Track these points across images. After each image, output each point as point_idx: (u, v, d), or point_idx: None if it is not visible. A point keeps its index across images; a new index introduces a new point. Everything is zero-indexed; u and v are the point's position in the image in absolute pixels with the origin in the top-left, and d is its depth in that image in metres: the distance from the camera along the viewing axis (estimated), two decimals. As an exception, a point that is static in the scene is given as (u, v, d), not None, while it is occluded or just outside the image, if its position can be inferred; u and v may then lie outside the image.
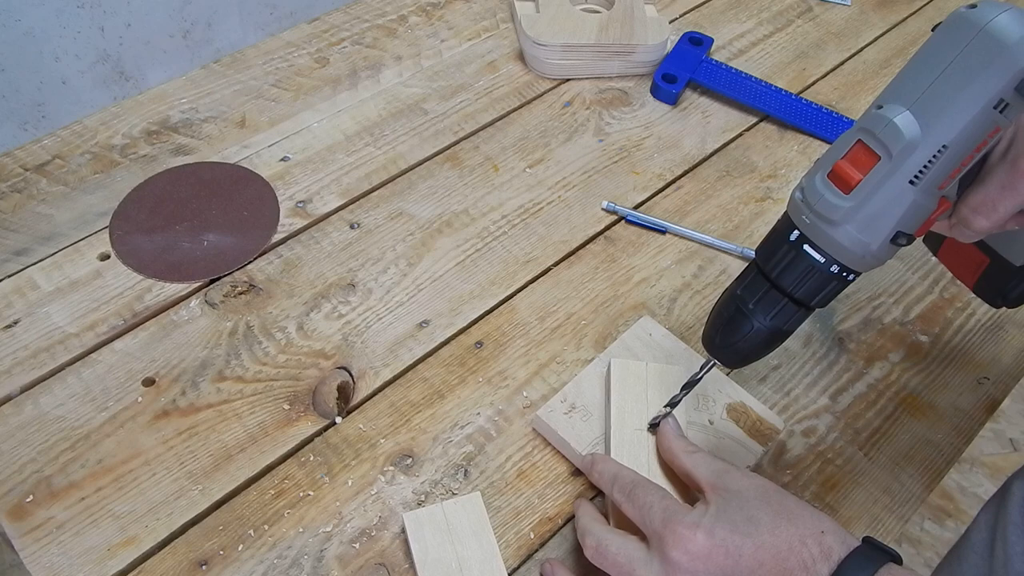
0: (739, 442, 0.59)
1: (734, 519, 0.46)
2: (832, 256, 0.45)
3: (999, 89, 0.39)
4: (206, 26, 1.03)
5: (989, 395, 0.66)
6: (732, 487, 0.48)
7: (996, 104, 0.39)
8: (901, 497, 0.60)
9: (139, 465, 0.56)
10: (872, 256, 0.44)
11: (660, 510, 0.48)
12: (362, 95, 0.82)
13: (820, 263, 0.45)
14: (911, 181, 0.41)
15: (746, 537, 0.45)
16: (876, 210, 0.43)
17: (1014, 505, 0.45)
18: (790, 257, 0.46)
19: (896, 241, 0.44)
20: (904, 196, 0.42)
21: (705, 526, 0.45)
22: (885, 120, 0.41)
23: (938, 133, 0.40)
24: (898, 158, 0.41)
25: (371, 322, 0.65)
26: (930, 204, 0.43)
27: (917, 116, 0.41)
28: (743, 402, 0.61)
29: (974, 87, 0.39)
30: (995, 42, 0.38)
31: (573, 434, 0.58)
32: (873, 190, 0.42)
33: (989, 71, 0.39)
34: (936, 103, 0.40)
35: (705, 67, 0.86)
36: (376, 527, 0.55)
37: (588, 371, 0.61)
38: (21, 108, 0.94)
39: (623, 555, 0.48)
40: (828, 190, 0.43)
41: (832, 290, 0.46)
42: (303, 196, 0.73)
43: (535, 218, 0.74)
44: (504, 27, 0.91)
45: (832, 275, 0.45)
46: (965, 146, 0.41)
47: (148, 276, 0.66)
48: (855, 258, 0.44)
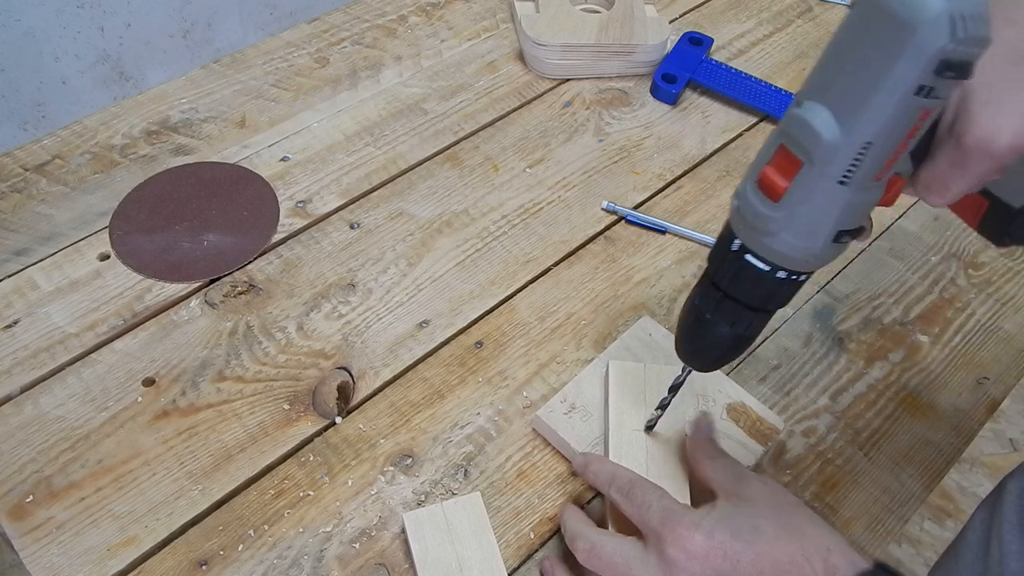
0: (739, 442, 0.59)
1: (737, 525, 0.45)
2: (775, 263, 0.43)
3: (916, 76, 0.35)
4: (206, 26, 1.03)
5: (989, 395, 0.66)
6: (745, 494, 0.48)
7: (917, 91, 0.35)
8: (901, 497, 0.60)
9: (139, 465, 0.56)
10: (817, 258, 0.42)
11: (659, 509, 0.47)
12: (362, 95, 0.82)
13: (765, 271, 0.43)
14: (840, 182, 0.38)
15: (747, 544, 0.44)
16: (810, 216, 0.40)
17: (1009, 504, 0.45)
18: (736, 267, 0.44)
19: (839, 240, 0.41)
20: (836, 197, 0.39)
21: (705, 527, 0.45)
22: (802, 122, 0.38)
23: (859, 131, 0.37)
24: (821, 162, 0.38)
25: (371, 322, 0.65)
26: (869, 196, 0.40)
27: (835, 114, 0.37)
28: (743, 402, 0.61)
29: (890, 77, 0.35)
30: (904, 25, 0.34)
31: (573, 434, 0.58)
32: (802, 197, 0.39)
33: (903, 58, 0.35)
34: (853, 98, 0.37)
35: (705, 67, 0.86)
36: (376, 527, 0.55)
37: (588, 371, 0.61)
38: (21, 108, 0.94)
39: (619, 555, 0.47)
40: (758, 200, 0.41)
41: (784, 293, 0.45)
42: (303, 196, 0.73)
43: (535, 218, 0.74)
44: (504, 27, 0.91)
45: (780, 280, 0.43)
46: (892, 139, 0.37)
47: (148, 276, 0.66)
48: (799, 262, 0.42)
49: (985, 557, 0.45)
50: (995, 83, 0.37)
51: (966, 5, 0.34)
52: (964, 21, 0.34)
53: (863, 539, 0.57)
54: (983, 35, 0.34)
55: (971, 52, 0.35)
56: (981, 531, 0.46)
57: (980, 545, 0.46)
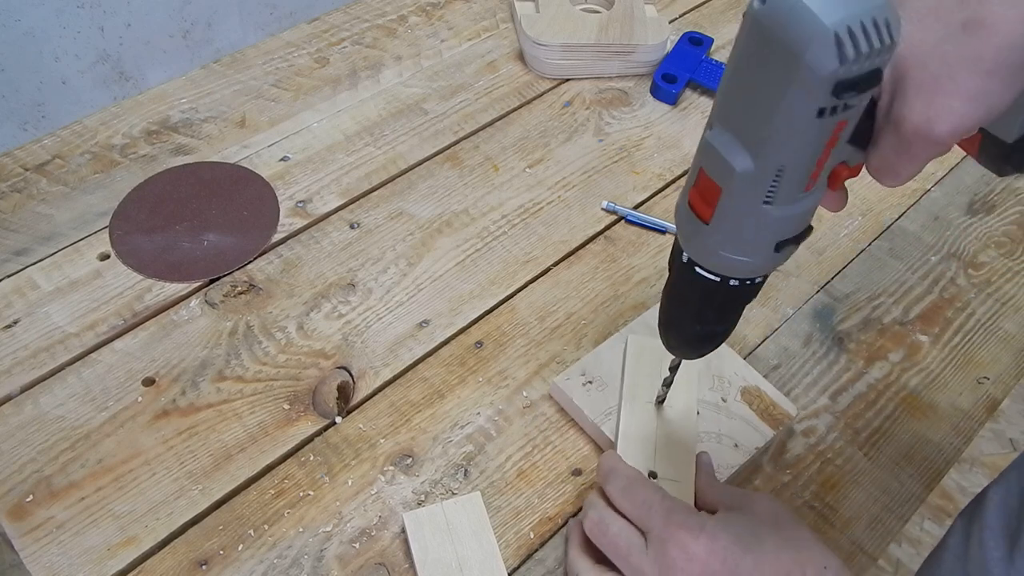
0: (750, 424, 0.59)
1: (739, 532, 0.46)
2: (723, 274, 0.42)
3: (813, 102, 0.33)
4: (206, 26, 1.03)
5: (989, 395, 0.66)
6: (747, 507, 0.48)
7: (819, 114, 0.33)
8: (901, 497, 0.60)
9: (139, 465, 0.56)
10: (762, 268, 0.42)
11: (662, 509, 0.48)
12: (362, 95, 0.82)
13: (716, 282, 0.43)
14: (764, 202, 0.37)
15: (747, 551, 0.45)
16: (742, 234, 0.39)
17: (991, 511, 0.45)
18: (689, 277, 0.44)
19: (781, 249, 0.40)
20: (765, 215, 0.38)
21: (709, 531, 0.46)
22: (714, 151, 0.37)
23: (769, 159, 0.36)
24: (738, 191, 0.37)
25: (371, 322, 0.65)
26: (804, 206, 0.38)
27: (742, 142, 0.36)
28: (758, 386, 0.61)
29: (787, 105, 0.33)
30: (791, 52, 0.32)
31: (588, 402, 0.59)
32: (729, 219, 0.39)
33: (795, 86, 0.33)
34: (756, 127, 0.35)
35: (705, 67, 0.86)
36: (376, 527, 0.55)
37: (608, 344, 0.63)
38: (21, 108, 0.94)
39: (623, 538, 0.48)
40: (691, 220, 0.41)
41: (744, 295, 0.44)
42: (303, 196, 0.73)
43: (535, 218, 0.74)
44: (504, 27, 0.91)
45: (734, 287, 0.43)
46: (806, 159, 0.36)
47: (148, 276, 0.66)
48: (746, 272, 0.42)
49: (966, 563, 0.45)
50: (929, 63, 0.35)
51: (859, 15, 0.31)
52: (854, 38, 0.31)
53: (863, 539, 0.57)
54: (882, 44, 0.32)
55: (871, 64, 0.32)
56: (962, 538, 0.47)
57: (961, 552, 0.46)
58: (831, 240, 0.75)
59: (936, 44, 0.35)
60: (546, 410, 0.61)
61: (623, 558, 0.48)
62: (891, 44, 0.32)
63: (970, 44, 0.34)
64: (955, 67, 0.34)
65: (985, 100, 0.35)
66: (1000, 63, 0.34)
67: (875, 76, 0.33)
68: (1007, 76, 0.34)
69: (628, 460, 0.54)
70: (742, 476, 0.59)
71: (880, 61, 0.32)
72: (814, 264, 0.73)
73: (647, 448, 0.56)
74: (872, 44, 0.31)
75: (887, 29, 0.32)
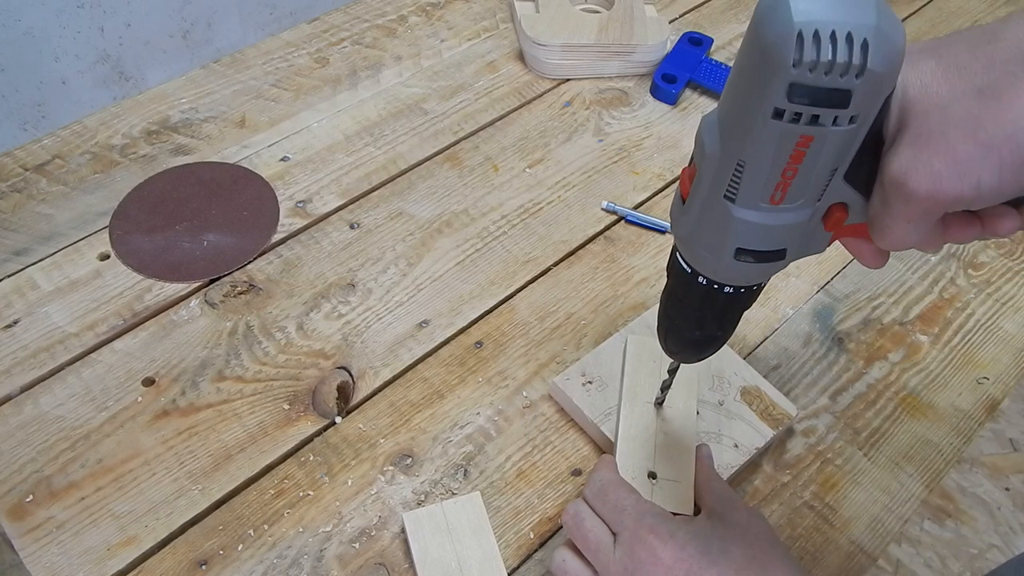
0: (750, 423, 0.59)
1: (709, 544, 0.46)
2: (692, 266, 0.42)
3: (769, 98, 0.32)
4: (206, 26, 1.03)
5: (989, 395, 0.66)
6: (728, 518, 0.48)
7: (775, 115, 0.33)
8: (901, 497, 0.60)
9: (139, 465, 0.56)
10: (722, 272, 0.41)
11: (634, 512, 0.48)
12: (362, 95, 0.82)
13: (687, 274, 0.43)
14: (726, 196, 0.37)
15: (712, 565, 0.45)
16: (707, 225, 0.39)
17: None
18: (673, 265, 0.44)
19: (740, 259, 0.39)
20: (726, 212, 0.37)
21: (679, 539, 0.46)
22: (699, 130, 0.38)
23: (731, 148, 0.35)
24: (704, 172, 0.37)
25: (371, 322, 0.65)
26: (770, 218, 0.37)
27: (720, 126, 0.36)
28: (758, 386, 0.61)
29: (750, 97, 0.33)
30: (759, 43, 0.32)
31: (587, 403, 0.59)
32: (698, 204, 0.39)
33: (757, 78, 0.32)
34: (729, 114, 0.36)
35: (705, 67, 0.86)
36: (376, 527, 0.55)
37: (608, 344, 0.62)
38: (21, 108, 0.94)
39: (594, 535, 0.49)
40: (677, 196, 0.41)
41: (717, 301, 0.43)
42: (303, 196, 0.73)
43: (535, 218, 0.74)
44: (504, 27, 0.91)
45: (705, 286, 0.42)
46: (766, 161, 0.35)
47: (148, 276, 0.66)
48: (709, 270, 0.42)
49: None
50: (932, 115, 0.33)
51: (834, 23, 0.30)
52: (818, 42, 0.30)
53: (863, 539, 0.57)
54: (849, 61, 0.30)
55: (834, 81, 0.31)
56: None
57: None
58: (831, 240, 0.75)
59: (948, 99, 0.33)
60: (546, 410, 0.61)
61: (592, 552, 0.49)
62: (861, 67, 0.31)
63: (978, 111, 0.32)
64: (953, 128, 0.32)
65: (974, 174, 0.32)
66: (1002, 140, 0.31)
67: (839, 96, 0.32)
68: (1009, 156, 0.31)
69: (627, 461, 0.54)
70: (742, 476, 0.59)
71: (847, 83, 0.31)
72: (814, 264, 0.73)
73: (647, 448, 0.56)
74: (836, 57, 0.30)
75: (862, 51, 0.30)
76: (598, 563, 0.48)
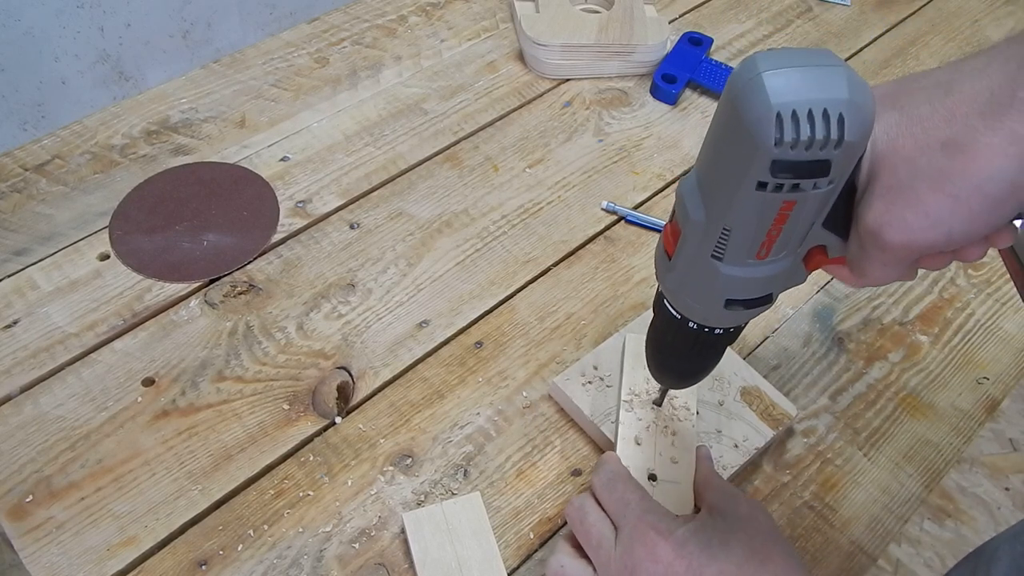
0: (750, 424, 0.59)
1: (709, 540, 0.46)
2: (683, 314, 0.43)
3: (752, 174, 0.34)
4: (206, 26, 1.03)
5: (989, 395, 0.66)
6: (729, 512, 0.48)
7: (759, 187, 0.34)
8: (901, 497, 0.60)
9: (139, 465, 0.56)
10: (715, 320, 0.43)
11: (638, 507, 0.48)
12: (362, 95, 0.82)
13: (677, 319, 0.44)
14: (714, 256, 0.38)
15: (712, 560, 0.45)
16: (696, 280, 0.41)
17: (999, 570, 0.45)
18: (662, 310, 0.45)
19: (732, 308, 0.41)
20: (715, 269, 0.39)
21: (678, 537, 0.46)
22: (680, 196, 0.39)
23: (716, 215, 0.37)
24: (690, 236, 0.39)
25: (371, 322, 0.65)
26: (759, 272, 0.39)
27: (701, 193, 0.38)
28: (758, 387, 0.61)
29: (732, 170, 0.34)
30: (739, 121, 0.33)
31: (587, 402, 0.59)
32: (684, 263, 0.40)
33: (739, 154, 0.34)
34: (709, 184, 0.37)
35: (705, 67, 0.86)
36: (376, 527, 0.55)
37: (609, 344, 0.63)
38: (21, 108, 0.94)
39: (596, 529, 0.49)
40: (662, 253, 0.42)
41: (707, 341, 0.45)
42: (303, 196, 0.73)
43: (535, 218, 0.74)
44: (504, 27, 0.91)
45: (695, 331, 0.44)
46: (751, 227, 0.36)
47: (148, 276, 0.66)
48: (701, 318, 0.43)
49: None
50: (900, 169, 0.34)
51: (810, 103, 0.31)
52: (797, 123, 0.32)
53: (863, 539, 0.57)
54: (827, 137, 0.32)
55: (815, 154, 0.32)
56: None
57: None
58: (831, 240, 0.75)
59: (914, 153, 0.34)
60: (546, 410, 0.61)
61: (593, 548, 0.49)
62: (839, 140, 0.32)
63: (944, 164, 0.33)
64: (921, 181, 0.34)
65: (945, 223, 0.34)
66: (971, 191, 0.33)
67: (819, 167, 0.33)
68: (978, 205, 0.33)
69: (627, 461, 0.54)
70: (742, 476, 0.59)
71: (826, 154, 0.32)
72: (814, 264, 0.73)
73: (646, 449, 0.56)
74: (815, 134, 0.32)
75: (839, 125, 0.32)
76: (598, 560, 0.48)
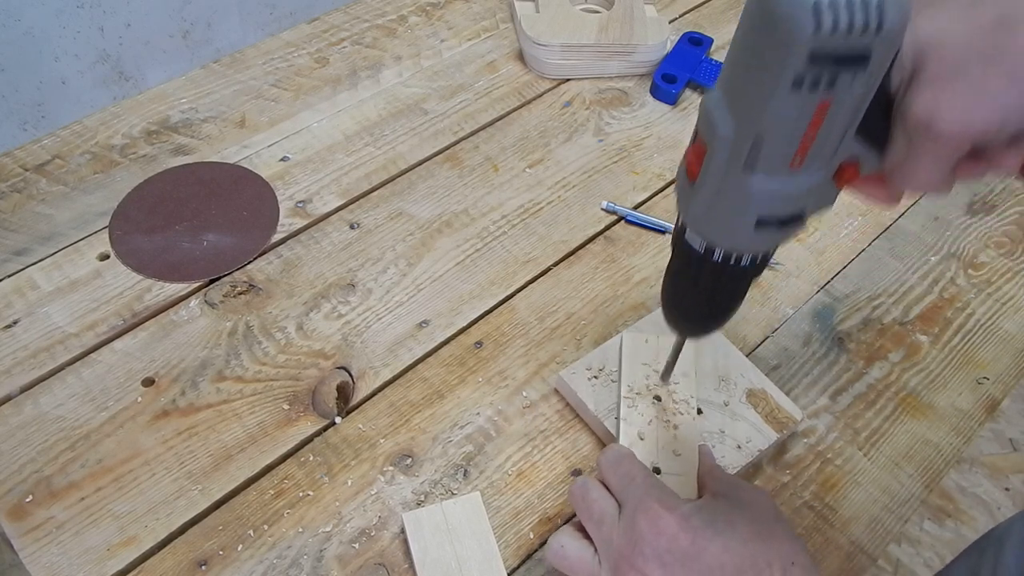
0: (754, 425, 0.59)
1: (714, 517, 0.46)
2: (711, 242, 0.42)
3: (789, 68, 0.33)
4: (206, 26, 1.03)
5: (989, 395, 0.66)
6: (732, 496, 0.48)
7: (794, 84, 0.33)
8: (900, 497, 0.60)
9: (139, 465, 0.56)
10: (742, 243, 0.41)
11: (643, 483, 0.48)
12: (362, 95, 0.82)
13: (700, 254, 0.42)
14: (744, 169, 0.37)
15: (717, 535, 0.44)
16: (724, 202, 0.39)
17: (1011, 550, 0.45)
18: (682, 245, 0.43)
19: (762, 228, 0.39)
20: (745, 185, 0.38)
21: (683, 511, 0.45)
22: (706, 111, 0.38)
23: (747, 124, 0.36)
24: (718, 150, 0.37)
25: (371, 322, 0.65)
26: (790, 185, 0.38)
27: (729, 104, 0.36)
28: (764, 389, 0.61)
29: (765, 70, 0.33)
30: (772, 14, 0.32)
31: (591, 396, 0.59)
32: (712, 181, 0.39)
33: (772, 51, 0.33)
34: (739, 91, 0.36)
35: (705, 67, 0.86)
36: (376, 527, 0.55)
37: (615, 341, 0.63)
38: (21, 108, 0.94)
39: (599, 505, 0.48)
40: (683, 177, 0.41)
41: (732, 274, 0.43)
42: (303, 196, 0.73)
43: (535, 218, 0.74)
44: (504, 27, 0.91)
45: (720, 263, 0.42)
46: (785, 132, 0.35)
47: (148, 276, 0.66)
48: (728, 243, 0.41)
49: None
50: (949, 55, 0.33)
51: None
52: (835, 9, 0.31)
53: (863, 539, 0.57)
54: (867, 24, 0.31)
55: (853, 43, 0.31)
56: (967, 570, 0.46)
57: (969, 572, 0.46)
58: (831, 240, 0.75)
59: (963, 37, 0.33)
60: (546, 410, 0.61)
61: (596, 524, 0.48)
62: (878, 25, 0.31)
63: (997, 41, 0.32)
64: (974, 62, 0.32)
65: (999, 104, 0.33)
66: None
67: (858, 59, 0.32)
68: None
69: None
70: (743, 477, 0.59)
71: (864, 44, 0.32)
72: (814, 264, 0.73)
73: (649, 444, 0.56)
74: (854, 20, 0.31)
75: (877, 10, 0.31)
76: (600, 536, 0.47)
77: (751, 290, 0.47)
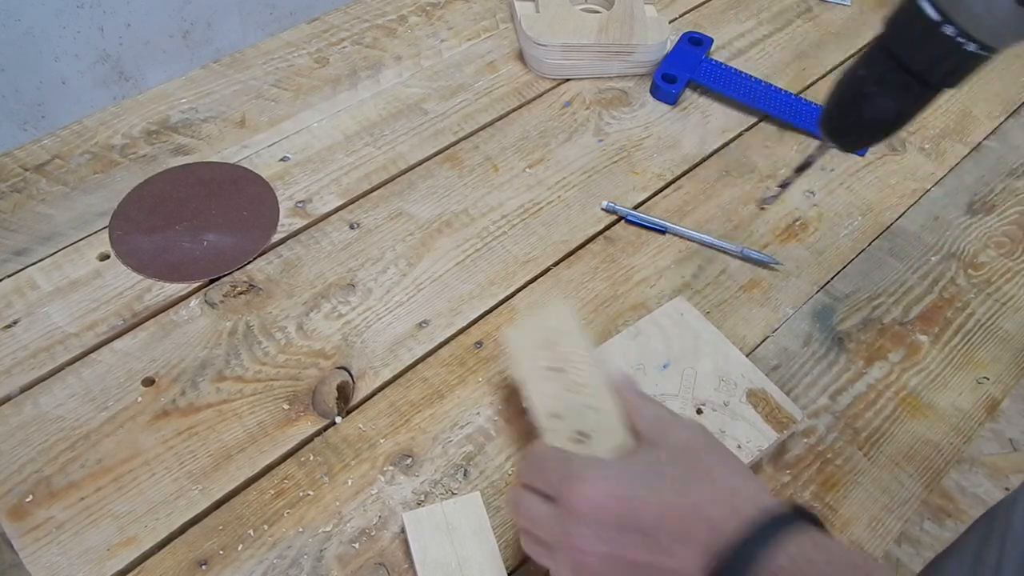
0: (753, 425, 0.59)
1: (642, 472, 0.43)
2: (947, 13, 0.38)
3: None
4: (206, 26, 1.03)
5: (989, 395, 0.66)
6: (662, 440, 0.46)
7: None
8: (901, 497, 0.60)
9: (139, 465, 0.56)
10: (993, 22, 0.37)
11: (559, 466, 0.45)
12: (362, 95, 0.82)
13: (934, 21, 0.38)
14: None
15: (648, 490, 0.42)
16: None
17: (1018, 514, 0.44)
18: (905, 15, 0.40)
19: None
20: None
21: (609, 476, 0.43)
22: None
23: None
24: None
25: (371, 322, 0.65)
26: None
27: None
28: (764, 389, 0.61)
29: None
30: None
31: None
32: None
33: None
34: None
35: (705, 67, 0.86)
36: (376, 527, 0.55)
37: (613, 342, 0.62)
38: (21, 108, 0.94)
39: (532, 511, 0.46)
40: None
41: (951, 60, 0.39)
42: (303, 196, 0.73)
43: (535, 218, 0.74)
44: (504, 27, 0.91)
45: (947, 39, 0.38)
46: None
47: (148, 276, 0.66)
48: (971, 18, 0.37)
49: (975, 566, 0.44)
50: None
51: None
52: None
53: (863, 539, 0.57)
54: None
55: None
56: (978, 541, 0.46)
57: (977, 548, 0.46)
58: (831, 240, 0.75)
59: None
60: (546, 410, 0.61)
61: (537, 527, 0.45)
62: None
63: None
64: None
65: None
66: None
67: None
68: None
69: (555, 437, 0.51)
70: (742, 476, 0.59)
71: None
72: (814, 264, 0.73)
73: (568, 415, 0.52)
74: None
75: None
76: (542, 536, 0.45)
77: (751, 290, 0.46)
